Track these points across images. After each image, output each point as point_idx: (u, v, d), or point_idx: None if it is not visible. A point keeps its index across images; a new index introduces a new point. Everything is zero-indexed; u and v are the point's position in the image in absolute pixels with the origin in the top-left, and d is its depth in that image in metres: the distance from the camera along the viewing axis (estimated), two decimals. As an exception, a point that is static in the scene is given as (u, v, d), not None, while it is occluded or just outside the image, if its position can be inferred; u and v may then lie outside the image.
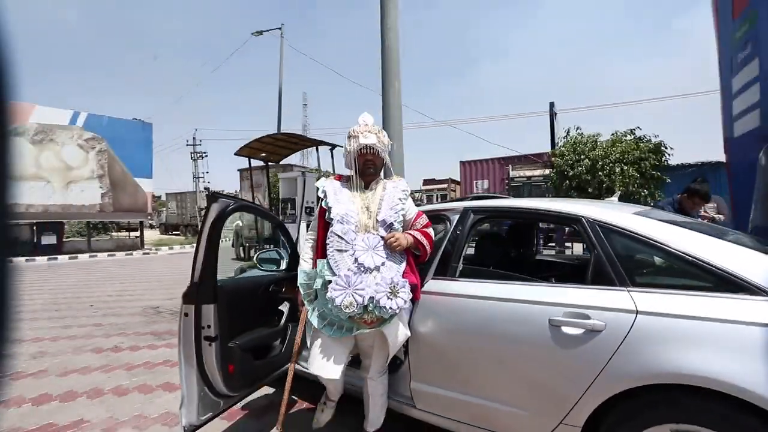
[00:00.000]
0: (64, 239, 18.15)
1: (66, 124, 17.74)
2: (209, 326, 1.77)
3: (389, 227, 1.78)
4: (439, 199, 18.87)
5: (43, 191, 16.63)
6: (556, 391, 1.55)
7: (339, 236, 1.72)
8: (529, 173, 13.18)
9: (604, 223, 1.67)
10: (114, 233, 21.93)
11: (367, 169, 1.84)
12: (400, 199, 1.86)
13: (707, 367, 1.25)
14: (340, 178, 1.95)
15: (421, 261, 1.91)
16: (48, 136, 17.11)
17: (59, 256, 16.23)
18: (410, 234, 1.84)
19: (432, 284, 2.01)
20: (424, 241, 1.86)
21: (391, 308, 1.65)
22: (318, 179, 2.04)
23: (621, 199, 7.60)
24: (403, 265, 1.79)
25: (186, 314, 1.74)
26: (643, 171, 7.59)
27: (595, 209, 1.75)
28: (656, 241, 1.53)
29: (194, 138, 36.81)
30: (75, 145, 17.80)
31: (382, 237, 1.75)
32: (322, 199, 1.82)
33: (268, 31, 13.12)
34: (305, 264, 1.87)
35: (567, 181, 8.22)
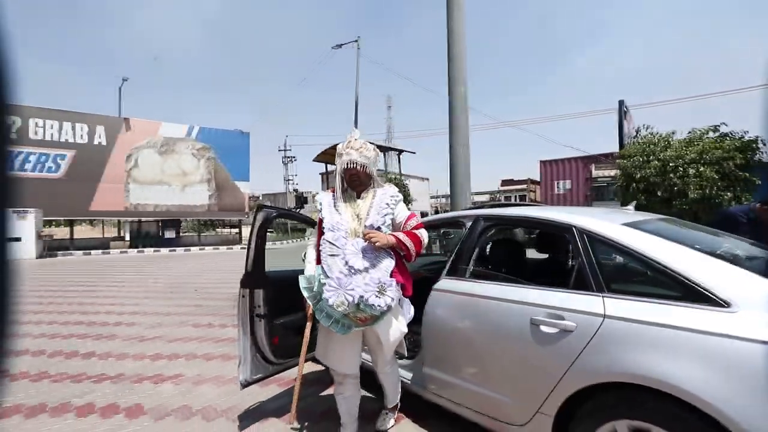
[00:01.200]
0: (181, 234, 21.38)
1: (183, 137, 20.87)
2: (259, 306, 2.28)
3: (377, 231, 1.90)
4: (518, 200, 18.19)
5: (166, 193, 19.89)
6: (533, 382, 1.73)
7: (330, 242, 1.90)
8: (613, 172, 12.12)
9: (590, 232, 1.79)
10: (219, 229, 25.06)
11: (353, 182, 2.00)
12: (387, 204, 1.98)
13: (659, 370, 1.36)
14: (334, 190, 2.08)
15: (408, 260, 1.98)
16: (171, 148, 20.37)
17: (177, 248, 19.26)
18: (393, 234, 1.91)
19: (443, 282, 2.28)
20: (407, 241, 1.90)
21: (379, 306, 1.77)
22: (387, 182, 2.27)
23: (694, 202, 6.70)
24: (391, 265, 1.88)
25: (243, 296, 2.27)
26: (727, 172, 6.58)
27: (586, 219, 1.86)
28: (635, 251, 1.62)
29: (285, 144, 40.26)
30: (190, 154, 20.90)
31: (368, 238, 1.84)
32: (319, 211, 2.03)
33: (346, 44, 14.10)
34: (308, 268, 2.03)
35: (634, 184, 7.48)
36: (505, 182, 18.75)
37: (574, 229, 1.85)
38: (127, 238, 20.55)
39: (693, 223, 2.34)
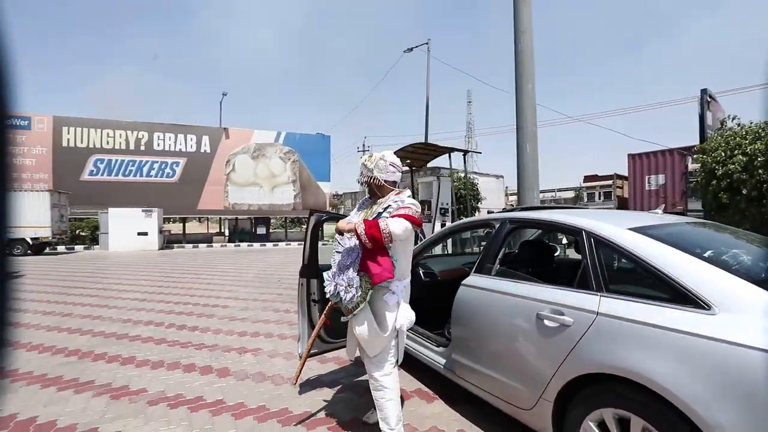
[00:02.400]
0: (271, 230, 23.67)
1: (272, 142, 23.03)
2: (314, 293, 2.75)
3: None
4: (602, 197, 16.81)
5: (258, 194, 22.21)
6: (538, 371, 1.91)
7: (338, 241, 2.16)
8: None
9: (597, 235, 1.91)
10: (303, 226, 27.11)
11: (369, 190, 2.26)
12: (384, 208, 2.10)
13: (639, 365, 1.49)
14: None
15: (365, 246, 1.96)
16: (261, 152, 22.67)
17: (267, 243, 21.41)
18: (354, 223, 2.02)
19: (471, 279, 2.52)
20: (358, 226, 1.95)
21: (345, 299, 1.99)
22: (454, 182, 2.49)
23: None
24: (357, 262, 2.02)
25: (301, 284, 2.77)
26: None
27: (594, 223, 1.97)
28: (633, 255, 1.72)
29: (363, 144, 41.83)
30: (278, 158, 23.04)
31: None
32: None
33: (417, 46, 14.40)
34: None
35: (715, 181, 6.46)
36: (588, 178, 17.36)
37: (583, 232, 1.98)
38: (227, 233, 23.39)
39: (727, 227, 2.24)
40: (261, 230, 22.47)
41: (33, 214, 14.65)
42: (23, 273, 9.83)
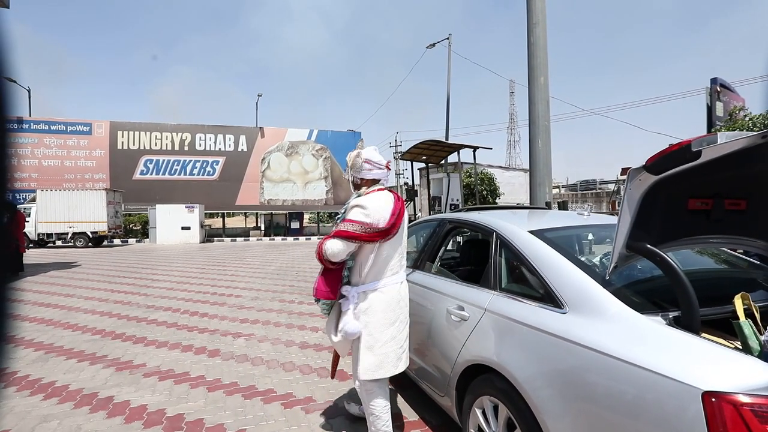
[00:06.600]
0: (305, 224, 24.59)
1: (305, 140, 23.83)
2: None
3: None
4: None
5: (292, 190, 23.13)
6: (446, 361, 2.10)
7: None
8: None
9: (503, 236, 2.06)
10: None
11: (353, 188, 2.29)
12: (344, 210, 2.16)
13: (501, 356, 1.66)
14: None
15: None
16: (295, 150, 23.54)
17: (300, 237, 22.29)
18: None
19: (412, 274, 2.73)
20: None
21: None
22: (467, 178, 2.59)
23: None
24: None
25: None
26: None
27: (504, 224, 2.12)
28: (523, 256, 1.87)
29: (395, 140, 41.98)
30: (310, 155, 23.83)
31: None
32: None
33: (439, 42, 14.36)
34: None
35: None
36: (625, 170, 16.42)
37: (494, 233, 2.13)
38: (262, 227, 24.61)
39: None
40: (295, 224, 23.43)
41: (92, 210, 16.34)
42: (79, 263, 11.10)
